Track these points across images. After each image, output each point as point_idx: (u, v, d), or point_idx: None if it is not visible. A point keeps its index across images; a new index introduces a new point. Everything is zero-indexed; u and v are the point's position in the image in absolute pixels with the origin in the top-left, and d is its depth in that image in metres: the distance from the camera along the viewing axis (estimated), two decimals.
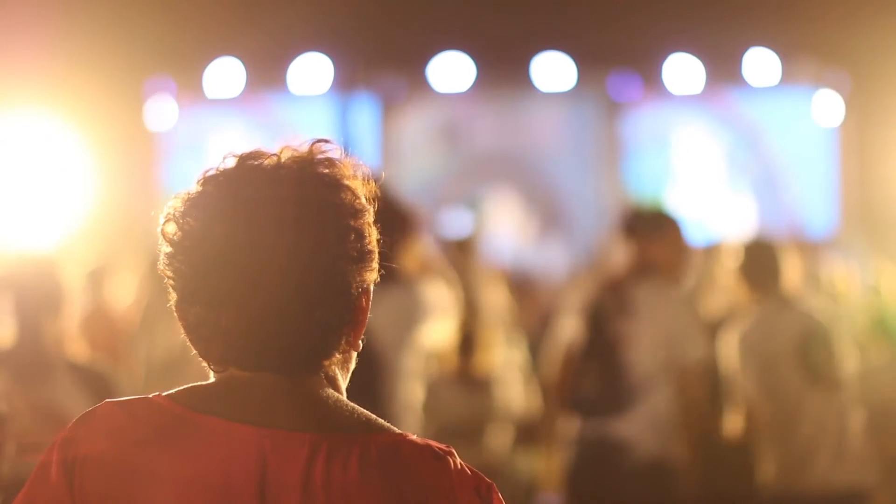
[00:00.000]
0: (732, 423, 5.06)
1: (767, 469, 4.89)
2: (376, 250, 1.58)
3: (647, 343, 5.07)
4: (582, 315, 5.14)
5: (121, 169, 10.46)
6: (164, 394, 1.55)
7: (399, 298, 4.63)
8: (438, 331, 6.61)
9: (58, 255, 4.30)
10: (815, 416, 4.81)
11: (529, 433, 6.72)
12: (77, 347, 4.11)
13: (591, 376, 5.08)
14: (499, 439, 6.40)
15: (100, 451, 1.51)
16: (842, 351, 4.93)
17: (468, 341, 6.45)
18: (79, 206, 9.80)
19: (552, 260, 11.54)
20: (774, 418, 4.86)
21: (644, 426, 5.02)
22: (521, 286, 8.75)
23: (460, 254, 7.81)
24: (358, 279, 1.55)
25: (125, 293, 6.92)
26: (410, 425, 4.42)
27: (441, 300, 5.23)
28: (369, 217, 1.58)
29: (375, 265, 1.58)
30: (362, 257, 1.56)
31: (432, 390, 6.31)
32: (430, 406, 6.12)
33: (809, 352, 4.84)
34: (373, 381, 4.45)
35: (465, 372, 6.40)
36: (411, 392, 5.04)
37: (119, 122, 10.41)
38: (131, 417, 1.52)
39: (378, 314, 4.36)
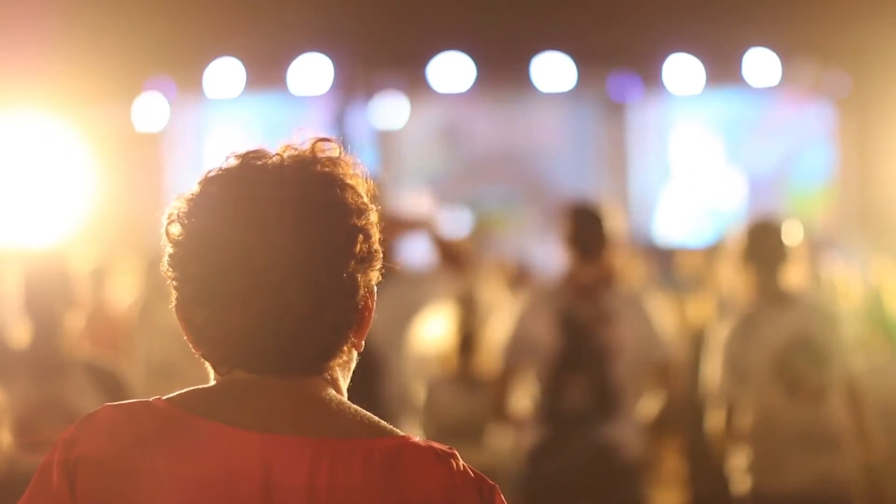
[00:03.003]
0: (712, 424, 4.98)
1: (743, 473, 4.77)
2: (381, 250, 1.58)
3: (628, 350, 5.04)
4: (557, 324, 5.03)
5: (120, 169, 10.47)
6: (165, 397, 1.54)
7: (397, 297, 4.63)
8: (438, 330, 6.60)
9: (68, 252, 4.31)
10: (793, 425, 4.66)
11: None
12: (81, 346, 4.12)
13: (580, 386, 5.00)
14: (499, 439, 6.40)
15: (100, 453, 1.51)
16: (836, 355, 4.72)
17: (468, 341, 6.45)
18: (78, 205, 9.80)
19: (552, 259, 11.54)
20: (753, 423, 4.71)
21: (630, 429, 5.03)
22: (521, 285, 8.75)
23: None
24: (364, 279, 1.55)
25: (125, 293, 6.92)
26: (408, 425, 4.41)
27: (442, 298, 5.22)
28: (373, 216, 1.57)
29: (379, 265, 1.58)
30: (369, 257, 1.55)
31: (432, 390, 6.31)
32: (430, 406, 6.12)
33: (792, 360, 4.69)
34: (370, 381, 4.44)
35: (465, 372, 6.39)
36: (409, 391, 5.04)
37: (119, 122, 10.42)
38: (131, 420, 1.52)
39: (376, 313, 4.33)
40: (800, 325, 4.72)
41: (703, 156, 11.94)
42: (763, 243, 4.80)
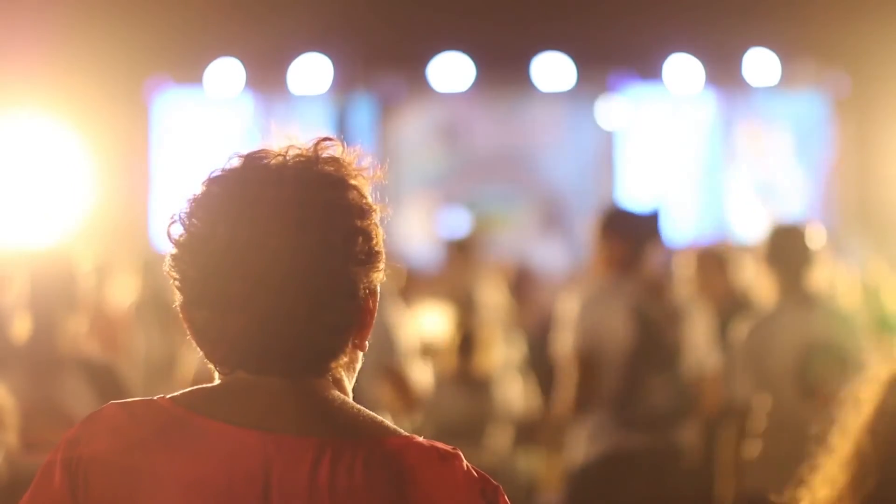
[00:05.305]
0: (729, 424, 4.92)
1: (756, 475, 4.72)
2: (383, 250, 1.57)
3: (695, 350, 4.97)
4: (631, 321, 4.84)
5: (120, 169, 10.47)
6: (168, 396, 1.54)
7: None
8: (438, 330, 6.60)
9: (71, 251, 4.31)
10: (805, 430, 4.58)
11: (529, 433, 6.73)
12: (87, 343, 4.11)
13: (658, 388, 4.84)
14: (499, 439, 6.40)
15: (102, 451, 1.51)
16: (855, 360, 4.59)
17: (468, 341, 6.45)
18: (78, 206, 9.80)
19: (552, 259, 11.54)
20: (767, 425, 4.64)
21: (692, 432, 4.97)
22: (521, 285, 8.76)
23: (460, 254, 7.82)
24: (365, 281, 1.54)
25: (124, 293, 6.92)
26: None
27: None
28: (376, 216, 1.56)
29: (382, 266, 1.56)
30: (369, 259, 1.54)
31: (432, 390, 6.31)
32: (430, 406, 6.12)
33: (811, 364, 4.61)
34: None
35: (465, 372, 6.40)
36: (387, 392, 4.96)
37: (119, 123, 10.42)
38: (133, 419, 1.52)
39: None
40: (819, 328, 4.66)
41: (706, 154, 11.94)
42: (787, 246, 4.74)
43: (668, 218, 5.18)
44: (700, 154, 11.92)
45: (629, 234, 4.96)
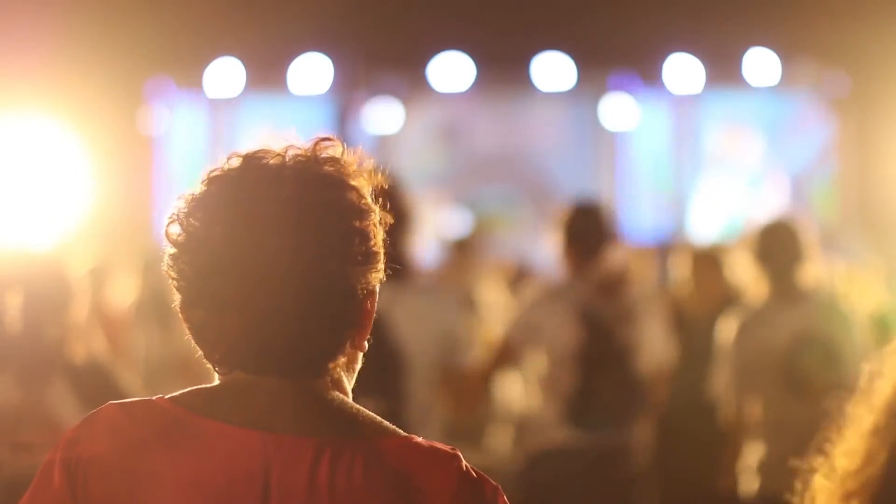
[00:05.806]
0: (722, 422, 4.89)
1: (752, 472, 4.67)
2: (382, 251, 1.56)
3: (645, 349, 4.99)
4: (578, 321, 4.84)
5: (120, 169, 10.47)
6: (167, 396, 1.54)
7: (428, 299, 4.49)
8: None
9: (65, 254, 4.30)
10: (797, 426, 4.56)
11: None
12: (84, 345, 4.10)
13: (609, 388, 4.81)
14: (499, 439, 6.40)
15: (102, 452, 1.51)
16: (847, 355, 4.57)
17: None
18: (78, 206, 9.81)
19: (552, 259, 11.55)
20: (761, 422, 4.62)
21: (643, 432, 4.98)
22: (521, 285, 8.76)
23: (460, 254, 7.81)
24: (363, 281, 1.54)
25: (123, 293, 6.92)
26: (427, 427, 4.27)
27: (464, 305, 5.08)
28: (375, 217, 1.56)
29: (381, 266, 1.56)
30: (367, 259, 1.54)
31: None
32: None
33: (798, 358, 4.56)
34: (393, 379, 4.30)
35: None
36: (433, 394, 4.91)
37: (119, 123, 10.42)
38: (133, 419, 1.52)
39: (401, 312, 4.17)
40: (807, 323, 4.64)
41: (701, 155, 11.94)
42: (777, 242, 4.73)
43: (626, 215, 5.19)
44: (697, 153, 11.92)
45: (582, 232, 4.97)
